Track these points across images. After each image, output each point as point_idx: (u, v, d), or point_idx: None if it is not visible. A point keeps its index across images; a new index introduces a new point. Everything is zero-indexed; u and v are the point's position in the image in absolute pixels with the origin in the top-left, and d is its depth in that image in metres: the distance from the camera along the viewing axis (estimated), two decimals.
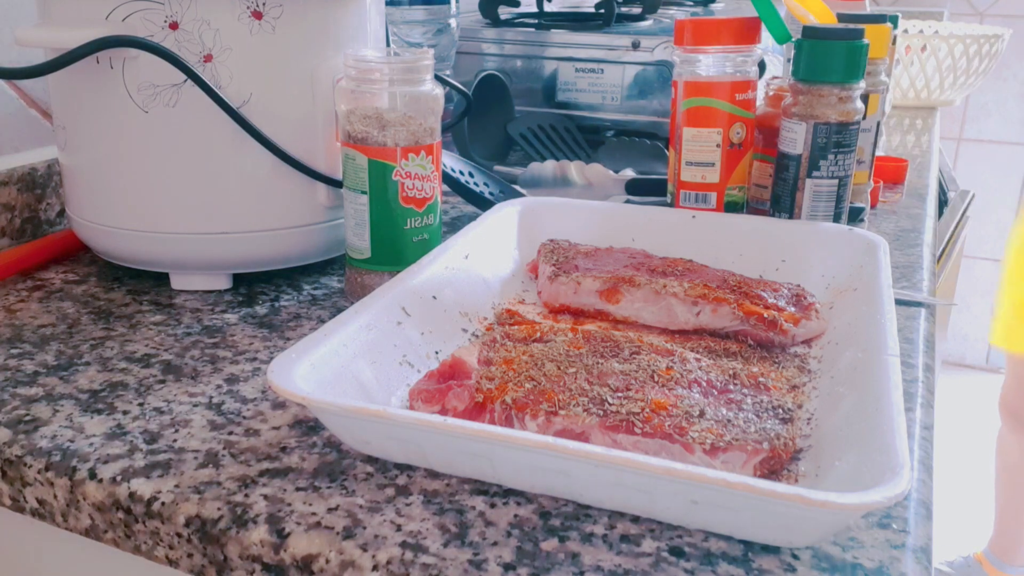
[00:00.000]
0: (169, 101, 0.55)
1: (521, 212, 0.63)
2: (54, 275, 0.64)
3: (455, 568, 0.33)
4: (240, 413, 0.44)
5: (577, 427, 0.37)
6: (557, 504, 0.37)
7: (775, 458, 0.36)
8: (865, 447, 0.35)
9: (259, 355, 0.51)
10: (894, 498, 0.30)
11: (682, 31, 0.67)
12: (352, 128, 0.54)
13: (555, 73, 1.00)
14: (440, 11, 0.94)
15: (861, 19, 0.71)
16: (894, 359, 0.40)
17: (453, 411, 0.40)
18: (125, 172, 0.57)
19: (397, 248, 0.55)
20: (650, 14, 1.04)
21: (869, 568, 0.33)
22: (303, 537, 0.35)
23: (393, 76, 0.54)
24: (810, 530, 0.33)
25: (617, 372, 0.40)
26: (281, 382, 0.37)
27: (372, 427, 0.37)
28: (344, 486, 0.38)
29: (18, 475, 0.41)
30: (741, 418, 0.38)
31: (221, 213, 0.57)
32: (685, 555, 0.34)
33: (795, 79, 0.62)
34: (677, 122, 0.68)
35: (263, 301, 0.59)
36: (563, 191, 0.80)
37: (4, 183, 0.68)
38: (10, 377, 0.48)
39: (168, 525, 0.37)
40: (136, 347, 0.52)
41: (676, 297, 0.51)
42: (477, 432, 0.34)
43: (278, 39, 0.55)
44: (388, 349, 0.45)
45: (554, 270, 0.55)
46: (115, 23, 0.53)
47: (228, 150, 0.56)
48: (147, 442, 0.42)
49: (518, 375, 0.40)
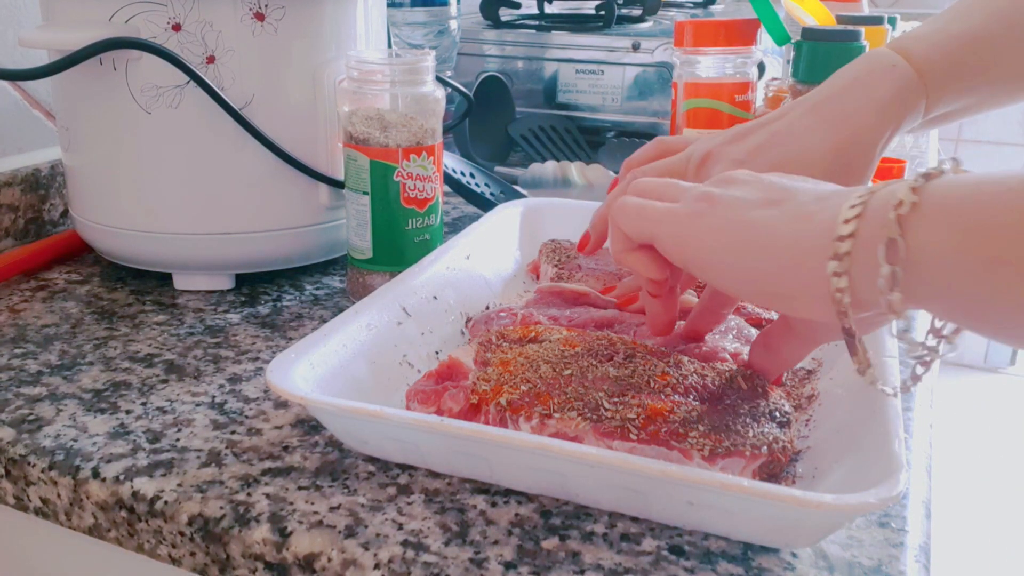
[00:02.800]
0: (172, 102, 0.55)
1: (522, 213, 0.64)
2: (57, 275, 0.64)
3: (456, 567, 0.33)
4: (242, 412, 0.45)
5: (571, 431, 0.37)
6: (558, 503, 0.37)
7: (774, 462, 0.36)
8: (862, 449, 0.35)
9: (261, 355, 0.51)
10: (890, 500, 0.30)
11: (682, 33, 0.67)
12: (354, 129, 0.54)
13: (556, 74, 1.00)
14: (441, 13, 0.94)
15: (860, 21, 0.71)
16: (892, 360, 0.40)
17: (449, 412, 0.40)
18: (128, 173, 0.57)
19: (398, 248, 0.56)
20: (650, 16, 1.04)
21: (868, 567, 0.34)
22: (305, 536, 0.35)
23: (394, 77, 0.54)
24: (807, 531, 0.33)
25: (612, 377, 0.40)
26: (280, 382, 0.37)
27: (370, 427, 0.38)
28: (346, 485, 0.38)
29: (22, 474, 0.41)
30: (738, 423, 0.38)
31: (223, 214, 0.58)
32: (685, 554, 0.34)
33: (794, 80, 0.62)
34: (677, 123, 0.68)
35: (265, 301, 0.59)
36: (564, 192, 0.80)
37: (8, 184, 0.68)
38: (14, 377, 0.48)
39: (171, 524, 0.37)
40: (139, 347, 0.52)
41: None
42: (472, 433, 0.35)
43: (280, 40, 0.56)
44: (388, 349, 0.46)
45: (556, 270, 0.56)
46: (118, 25, 0.53)
47: (230, 151, 0.57)
48: (150, 441, 0.42)
49: (514, 377, 0.40)
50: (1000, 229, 0.27)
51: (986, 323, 0.28)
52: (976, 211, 0.27)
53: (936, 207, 0.28)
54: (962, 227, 0.27)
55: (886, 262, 0.28)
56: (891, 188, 0.30)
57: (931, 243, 0.28)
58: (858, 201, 0.30)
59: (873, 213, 0.30)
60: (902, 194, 0.29)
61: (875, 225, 0.29)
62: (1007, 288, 0.27)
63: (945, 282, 0.28)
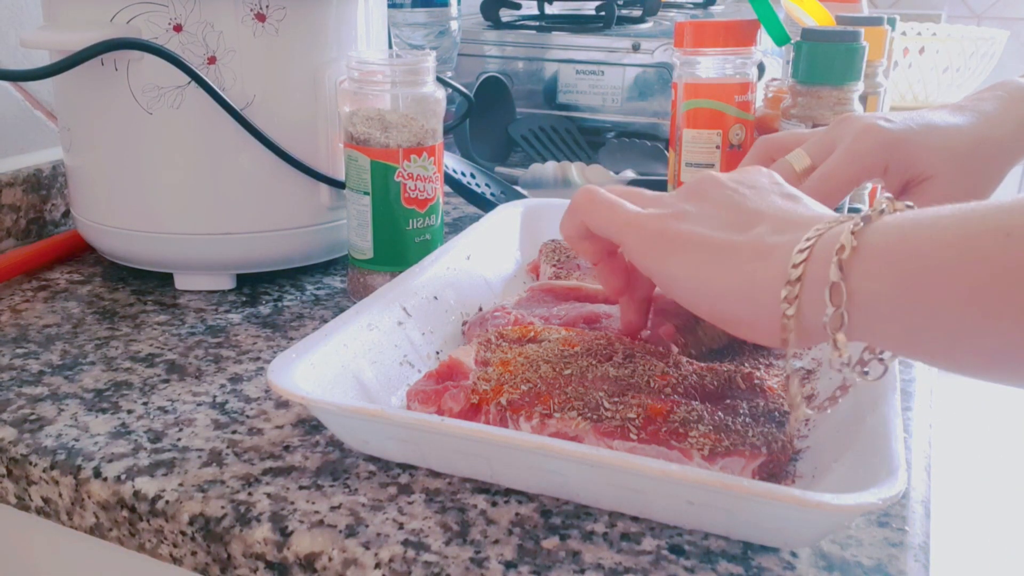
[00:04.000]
0: (173, 103, 0.55)
1: (523, 213, 0.64)
2: (59, 275, 0.64)
3: (457, 566, 0.33)
4: (243, 412, 0.45)
5: (572, 431, 0.37)
6: (558, 503, 0.37)
7: (773, 462, 0.37)
8: (862, 448, 0.35)
9: (262, 355, 0.51)
10: (889, 500, 0.30)
11: (682, 33, 0.67)
12: (354, 129, 0.54)
13: (556, 75, 1.01)
14: (442, 13, 0.94)
15: (859, 21, 0.71)
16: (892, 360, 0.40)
17: (449, 412, 0.40)
18: (129, 173, 0.57)
19: (399, 249, 0.56)
20: (650, 16, 1.05)
21: (868, 566, 0.34)
22: (306, 535, 0.35)
23: (395, 78, 0.54)
24: (807, 531, 0.33)
25: (612, 377, 0.40)
26: (281, 381, 0.38)
27: (370, 427, 0.38)
28: (347, 485, 0.38)
29: (23, 474, 0.41)
30: (738, 422, 0.38)
31: (224, 214, 0.58)
32: (685, 553, 0.34)
33: (794, 81, 0.62)
34: (677, 124, 0.68)
35: (266, 301, 0.59)
36: (564, 192, 0.80)
37: (10, 184, 0.69)
38: (15, 376, 0.48)
39: (172, 523, 0.37)
40: (140, 347, 0.52)
41: None
42: (472, 432, 0.35)
43: (281, 41, 0.56)
44: (389, 349, 0.46)
45: (556, 270, 0.56)
46: (119, 25, 0.53)
47: (231, 151, 0.57)
48: (151, 441, 0.42)
49: (514, 377, 0.40)
50: (934, 271, 0.28)
51: (927, 356, 0.30)
52: (912, 253, 0.29)
53: (874, 251, 0.30)
54: (899, 270, 0.29)
55: (831, 303, 0.30)
56: (835, 231, 0.31)
57: (870, 287, 0.30)
58: (806, 245, 0.32)
59: (819, 255, 0.31)
60: (844, 239, 0.30)
61: (820, 268, 0.31)
62: (945, 324, 0.28)
63: (886, 321, 0.30)
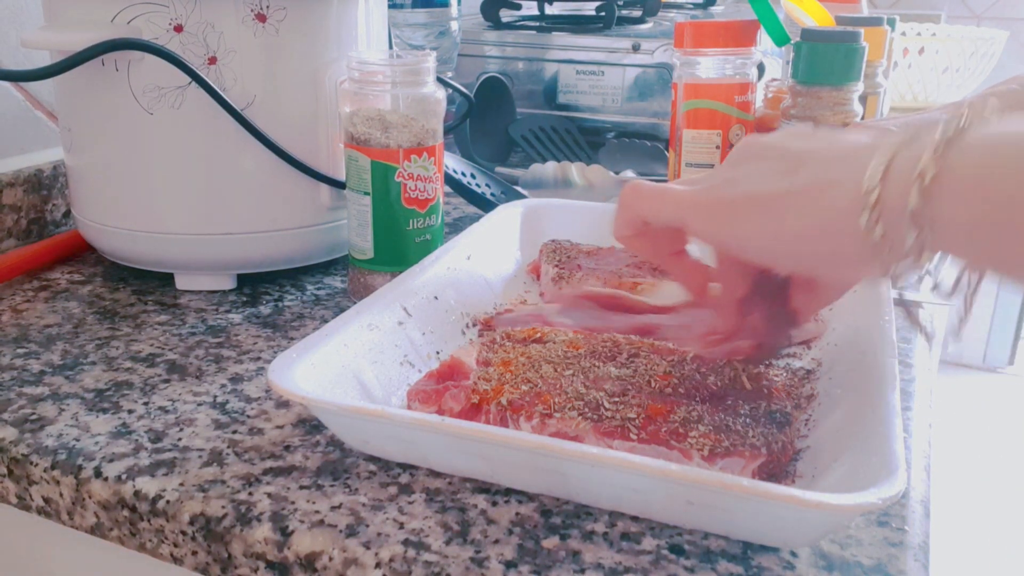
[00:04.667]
0: (174, 103, 0.55)
1: (523, 213, 0.64)
2: (60, 275, 0.64)
3: (457, 566, 0.33)
4: (244, 412, 0.45)
5: (572, 431, 0.38)
6: (558, 502, 0.37)
7: (773, 462, 0.37)
8: (862, 448, 0.35)
9: (263, 355, 0.51)
10: (889, 500, 0.30)
11: (682, 34, 0.67)
12: (355, 130, 0.54)
13: (556, 75, 1.01)
14: (442, 14, 0.94)
15: (859, 22, 0.71)
16: (892, 360, 0.40)
17: (449, 412, 0.40)
18: (130, 173, 0.57)
19: (400, 249, 0.56)
20: (650, 17, 1.05)
21: (867, 566, 0.34)
22: (306, 535, 0.35)
23: (395, 78, 0.54)
24: (806, 531, 0.33)
25: (614, 377, 0.40)
26: (281, 381, 0.38)
27: (371, 427, 0.38)
28: (347, 484, 0.38)
29: (24, 473, 0.41)
30: (739, 423, 0.38)
31: (225, 214, 0.58)
32: (685, 553, 0.34)
33: (794, 81, 0.62)
34: (677, 124, 0.68)
35: (267, 301, 0.59)
36: (564, 192, 0.80)
37: (10, 184, 0.69)
38: (16, 376, 0.48)
39: (173, 523, 0.37)
40: (141, 347, 0.52)
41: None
42: (473, 432, 0.35)
43: (282, 41, 0.56)
44: (389, 349, 0.46)
45: (556, 271, 0.56)
46: (120, 26, 0.53)
47: (232, 152, 0.57)
48: (152, 441, 0.42)
49: (515, 377, 0.41)
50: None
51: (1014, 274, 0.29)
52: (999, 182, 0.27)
53: (958, 179, 0.28)
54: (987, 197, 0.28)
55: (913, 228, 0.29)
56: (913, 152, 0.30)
57: (955, 214, 0.28)
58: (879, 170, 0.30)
59: (896, 177, 0.30)
60: (924, 163, 0.29)
61: (898, 194, 0.29)
62: None
63: (970, 244, 0.29)
